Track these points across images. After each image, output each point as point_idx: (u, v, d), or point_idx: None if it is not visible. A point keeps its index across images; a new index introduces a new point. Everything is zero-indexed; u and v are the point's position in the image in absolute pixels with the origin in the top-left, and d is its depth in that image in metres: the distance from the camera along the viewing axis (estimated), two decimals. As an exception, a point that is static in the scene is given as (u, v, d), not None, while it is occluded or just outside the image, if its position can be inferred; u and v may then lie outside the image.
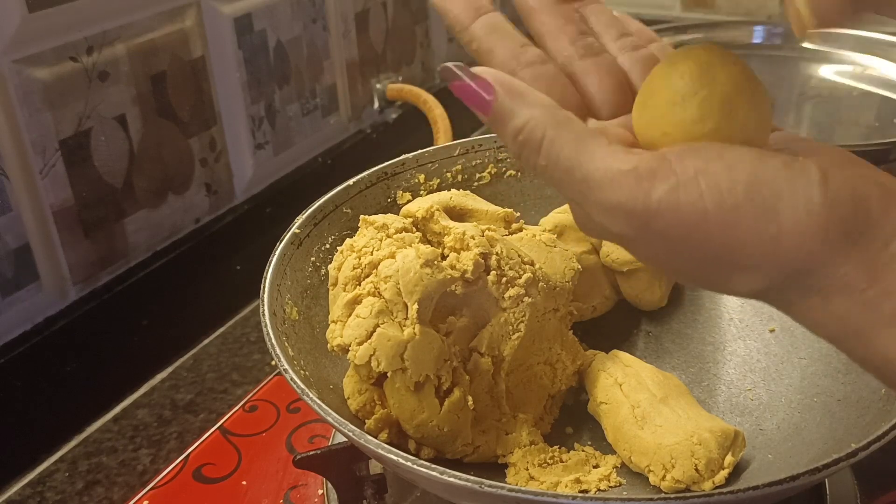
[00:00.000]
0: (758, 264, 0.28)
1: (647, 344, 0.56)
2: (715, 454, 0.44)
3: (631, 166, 0.29)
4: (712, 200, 0.28)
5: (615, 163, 0.29)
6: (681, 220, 0.28)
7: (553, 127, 0.30)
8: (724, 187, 0.28)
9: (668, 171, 0.28)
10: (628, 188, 0.28)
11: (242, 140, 0.79)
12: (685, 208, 0.28)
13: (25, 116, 0.60)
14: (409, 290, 0.43)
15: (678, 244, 0.29)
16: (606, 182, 0.29)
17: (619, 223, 0.29)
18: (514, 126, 0.30)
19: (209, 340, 0.75)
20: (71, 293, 0.66)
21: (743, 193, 0.27)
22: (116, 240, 0.69)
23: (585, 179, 0.29)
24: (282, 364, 0.43)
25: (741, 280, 0.29)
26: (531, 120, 0.30)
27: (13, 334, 0.63)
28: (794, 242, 0.27)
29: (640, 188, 0.28)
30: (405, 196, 0.57)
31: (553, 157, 0.30)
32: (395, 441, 0.45)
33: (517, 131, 0.30)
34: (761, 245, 0.28)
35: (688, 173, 0.28)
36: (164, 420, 0.67)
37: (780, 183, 0.27)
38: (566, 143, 0.30)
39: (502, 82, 0.31)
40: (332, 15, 0.87)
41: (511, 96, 0.30)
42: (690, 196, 0.28)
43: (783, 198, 0.27)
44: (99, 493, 0.60)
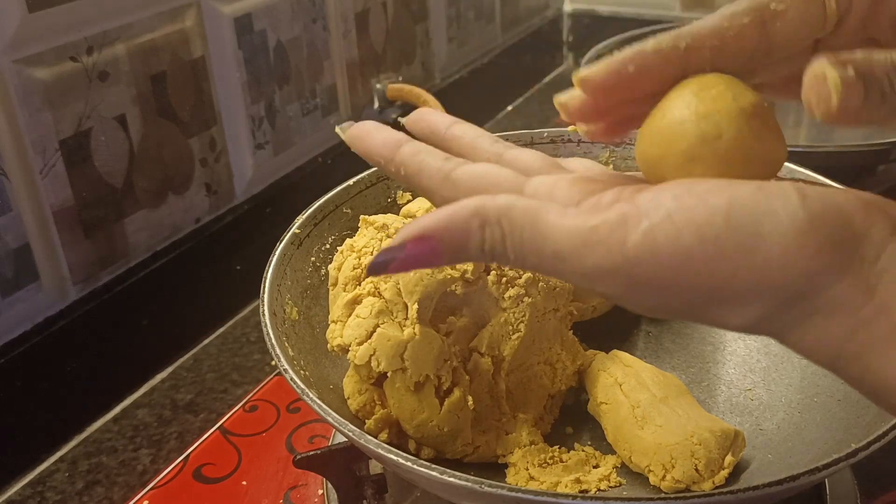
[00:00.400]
0: (750, 294, 0.27)
1: (647, 344, 0.56)
2: (715, 454, 0.44)
3: (599, 220, 0.27)
4: (691, 235, 0.26)
5: (581, 224, 0.28)
6: (662, 263, 0.27)
7: (505, 217, 0.28)
8: (702, 220, 0.26)
9: (638, 215, 0.27)
10: (602, 245, 0.27)
11: (242, 140, 0.79)
12: (665, 251, 0.26)
13: (25, 116, 0.60)
14: (409, 290, 0.43)
15: (665, 288, 0.27)
16: (577, 247, 0.27)
17: (602, 285, 0.28)
18: (475, 244, 0.29)
19: (209, 340, 0.75)
20: (71, 293, 0.66)
21: (722, 222, 0.26)
22: (116, 240, 0.69)
23: (557, 254, 0.28)
24: (282, 364, 0.43)
25: (735, 313, 0.28)
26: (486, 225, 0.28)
27: (13, 334, 0.63)
28: (784, 266, 0.26)
29: (613, 241, 0.27)
30: (405, 196, 0.57)
31: (518, 246, 0.28)
32: (395, 441, 0.45)
33: (480, 245, 0.29)
34: (750, 273, 0.26)
35: (659, 213, 0.27)
36: (164, 420, 0.67)
37: (759, 205, 0.26)
38: (524, 226, 0.28)
39: (431, 224, 0.29)
40: (332, 15, 0.87)
41: (449, 225, 0.29)
42: (668, 237, 0.26)
43: (764, 221, 0.26)
44: (99, 493, 0.60)
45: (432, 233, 0.29)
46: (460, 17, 1.10)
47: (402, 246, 0.29)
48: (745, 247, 0.26)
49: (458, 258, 0.29)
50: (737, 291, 0.27)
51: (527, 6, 1.25)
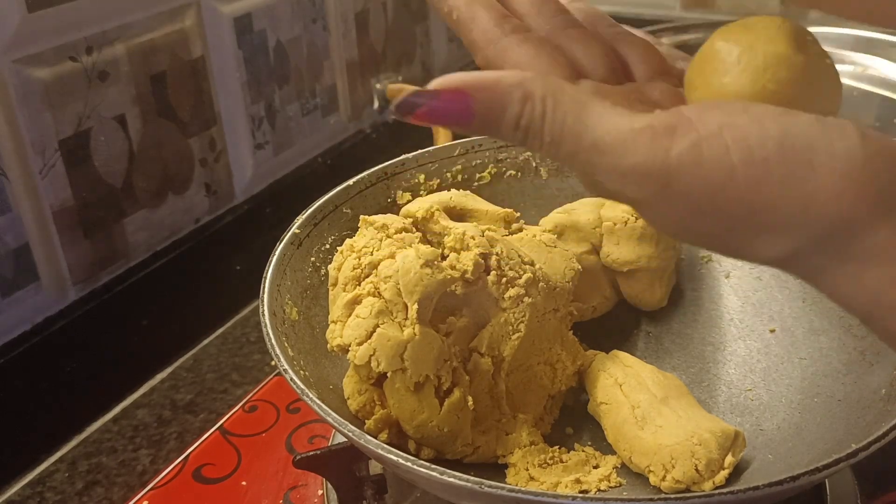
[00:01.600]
0: (788, 225, 0.26)
1: (647, 344, 0.56)
2: (715, 454, 0.44)
3: (645, 124, 0.26)
4: (740, 155, 0.25)
5: (626, 122, 0.27)
6: (704, 177, 0.26)
7: (551, 96, 0.27)
8: (753, 141, 0.25)
9: (688, 126, 0.26)
10: (644, 147, 0.26)
11: (242, 140, 0.79)
12: (709, 164, 0.26)
13: (25, 116, 0.60)
14: (409, 291, 0.43)
15: (701, 205, 0.26)
16: (619, 144, 0.26)
17: (635, 187, 0.27)
18: (513, 115, 0.27)
19: (209, 340, 0.75)
20: (71, 293, 0.66)
21: (774, 148, 0.25)
22: (116, 240, 0.69)
23: (596, 144, 0.27)
24: (282, 364, 0.43)
25: (767, 244, 0.27)
26: (528, 99, 0.27)
27: (13, 334, 0.63)
28: (829, 202, 0.25)
29: (657, 146, 0.26)
30: (405, 196, 0.57)
31: (558, 131, 0.27)
32: (395, 441, 0.45)
33: (517, 119, 0.27)
34: (793, 203, 0.25)
35: (710, 128, 0.26)
36: (164, 420, 0.67)
37: (816, 138, 0.25)
38: (569, 110, 0.27)
39: (473, 81, 0.27)
40: (332, 15, 0.87)
41: (489, 89, 0.27)
42: (715, 151, 0.25)
43: (819, 153, 0.25)
44: (99, 493, 0.60)
45: (471, 89, 0.27)
46: (460, 17, 1.10)
47: (436, 93, 0.27)
48: (794, 175, 0.25)
49: (489, 125, 0.28)
50: (775, 220, 0.26)
51: (527, 6, 1.25)
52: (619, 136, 0.27)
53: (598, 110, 0.27)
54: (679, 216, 0.27)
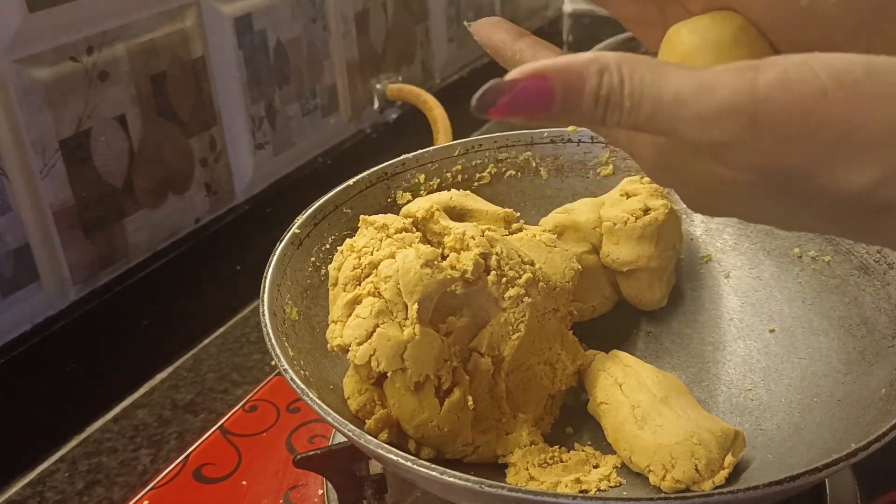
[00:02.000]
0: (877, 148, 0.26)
1: (647, 344, 0.56)
2: (715, 454, 0.44)
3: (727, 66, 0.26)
4: (828, 77, 0.25)
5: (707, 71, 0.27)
6: (795, 100, 0.25)
7: (626, 64, 0.27)
8: (841, 67, 0.25)
9: (772, 61, 0.26)
10: (730, 82, 0.26)
11: (242, 140, 0.79)
12: (799, 87, 0.25)
13: (25, 116, 0.60)
14: (409, 290, 0.43)
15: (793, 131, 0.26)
16: (702, 88, 0.26)
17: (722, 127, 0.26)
18: (591, 88, 0.27)
19: (209, 340, 0.75)
20: (71, 293, 0.66)
21: (862, 71, 0.25)
22: (116, 240, 0.69)
23: (677, 97, 0.27)
24: (282, 364, 0.43)
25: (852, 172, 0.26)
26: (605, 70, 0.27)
27: (13, 334, 0.63)
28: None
29: (742, 79, 0.26)
30: (405, 196, 0.57)
31: (637, 93, 0.27)
32: (395, 441, 0.45)
33: (596, 91, 0.27)
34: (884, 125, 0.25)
35: (794, 59, 0.26)
36: (164, 420, 0.67)
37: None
38: (646, 71, 0.27)
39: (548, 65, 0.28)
40: (332, 15, 0.87)
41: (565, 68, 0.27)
42: (804, 75, 0.25)
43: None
44: (99, 493, 0.60)
45: (548, 73, 0.27)
46: (460, 17, 1.10)
47: (514, 82, 0.27)
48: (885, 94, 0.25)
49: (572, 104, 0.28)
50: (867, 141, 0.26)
51: (527, 6, 1.25)
52: (702, 80, 0.27)
53: (674, 68, 0.27)
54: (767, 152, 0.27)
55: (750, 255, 0.58)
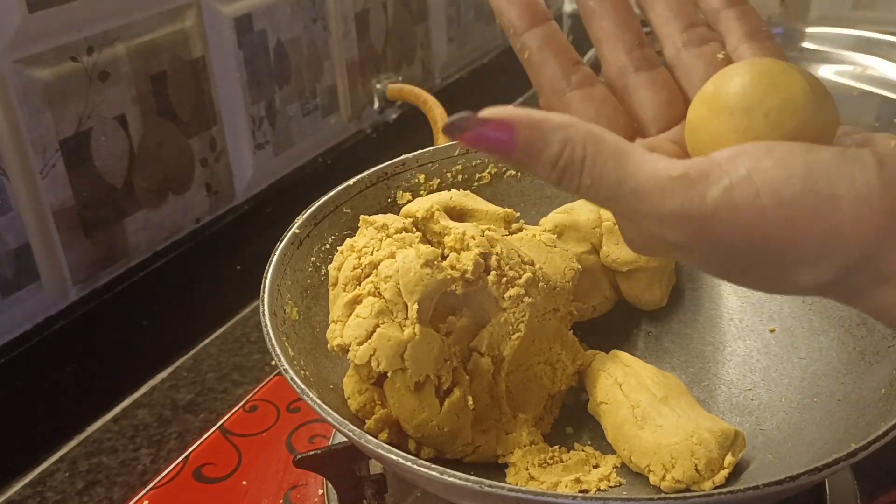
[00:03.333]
0: (821, 257, 0.28)
1: (647, 344, 0.56)
2: (715, 454, 0.44)
3: (681, 171, 0.28)
4: (769, 197, 0.27)
5: (664, 170, 0.28)
6: (739, 220, 0.27)
7: (592, 143, 0.29)
8: (779, 182, 0.27)
9: (720, 172, 0.28)
10: (682, 194, 0.28)
11: (242, 140, 0.79)
12: (742, 208, 0.27)
13: (25, 116, 0.60)
14: (409, 290, 0.43)
15: (738, 246, 0.28)
16: (658, 190, 0.28)
17: (674, 232, 0.29)
18: (551, 154, 0.29)
19: (209, 340, 0.75)
20: (71, 293, 0.66)
21: (799, 186, 0.27)
22: (116, 240, 0.69)
23: (636, 191, 0.29)
24: (282, 364, 0.43)
25: (805, 275, 0.28)
26: (568, 142, 0.29)
27: (13, 334, 0.63)
28: (856, 229, 0.27)
29: (694, 192, 0.28)
30: (405, 196, 0.57)
31: (597, 175, 0.29)
32: (395, 441, 0.45)
33: (555, 159, 0.29)
34: (823, 236, 0.27)
35: (740, 172, 0.28)
36: (164, 420, 0.67)
37: (836, 171, 0.27)
38: (609, 157, 0.29)
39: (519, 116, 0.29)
40: (332, 15, 0.87)
41: (534, 126, 0.29)
42: (746, 195, 0.27)
43: (840, 185, 0.27)
44: (99, 493, 0.60)
45: (517, 124, 0.29)
46: (460, 17, 1.10)
47: (484, 121, 0.29)
48: (820, 209, 0.27)
49: (529, 160, 0.29)
50: (807, 252, 0.28)
51: None
52: (658, 182, 0.28)
53: (637, 157, 0.29)
54: (718, 257, 0.29)
55: (750, 255, 0.58)
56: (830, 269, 0.28)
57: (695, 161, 0.28)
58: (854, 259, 0.28)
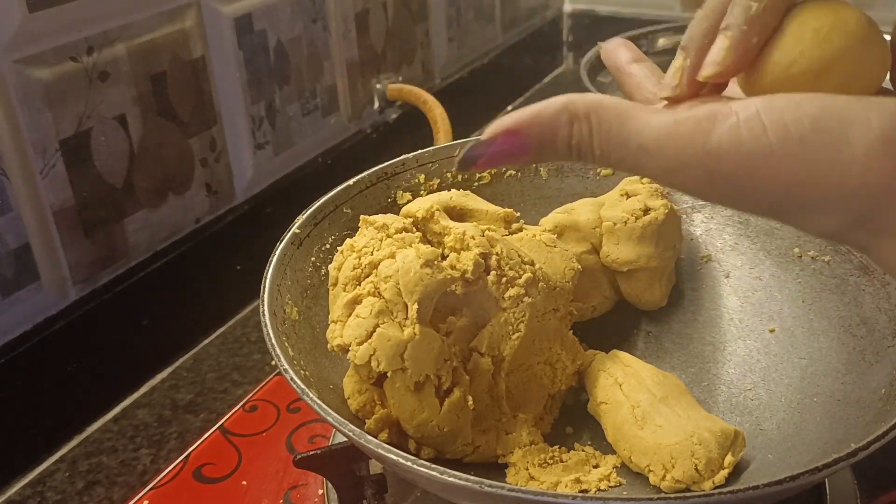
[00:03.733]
0: (827, 200, 0.27)
1: (647, 344, 0.56)
2: (715, 454, 0.44)
3: (687, 115, 0.28)
4: (776, 135, 0.26)
5: (669, 117, 0.28)
6: (744, 158, 0.27)
7: (594, 112, 0.29)
8: (790, 121, 0.26)
9: (728, 111, 0.27)
10: (687, 136, 0.28)
11: (242, 140, 0.79)
12: (748, 146, 0.27)
13: (25, 116, 0.60)
14: (409, 290, 0.43)
15: (746, 185, 0.27)
16: (663, 138, 0.28)
17: (682, 179, 0.28)
18: (564, 137, 0.29)
19: (209, 340, 0.75)
20: (71, 293, 0.67)
21: (810, 125, 0.26)
22: (116, 240, 0.69)
23: (641, 147, 0.28)
24: (282, 364, 0.43)
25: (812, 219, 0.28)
26: (574, 119, 0.29)
27: (13, 334, 0.63)
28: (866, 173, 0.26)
29: (698, 132, 0.27)
30: (405, 196, 0.57)
31: (604, 141, 0.29)
32: (395, 441, 0.45)
33: (567, 139, 0.29)
34: (830, 177, 0.26)
35: (749, 111, 0.27)
36: (164, 420, 0.67)
37: (852, 112, 0.26)
38: (612, 122, 0.29)
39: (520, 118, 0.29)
40: (332, 15, 0.87)
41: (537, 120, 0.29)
42: (753, 132, 0.27)
43: (854, 125, 0.26)
44: (99, 493, 0.60)
45: (522, 126, 0.29)
46: (460, 17, 1.10)
47: (492, 140, 0.29)
48: (829, 149, 0.26)
49: (546, 153, 0.30)
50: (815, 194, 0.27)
51: (527, 6, 1.25)
52: (663, 131, 0.28)
53: (640, 115, 0.29)
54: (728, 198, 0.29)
55: (750, 255, 0.58)
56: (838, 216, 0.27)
57: (703, 104, 0.28)
58: (861, 207, 0.26)
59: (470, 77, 1.12)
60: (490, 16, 1.16)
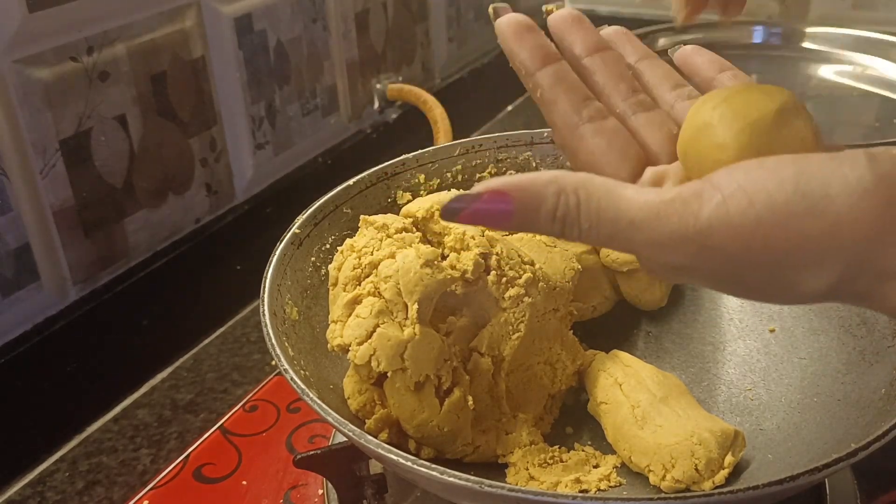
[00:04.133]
0: (822, 257, 0.28)
1: (647, 344, 0.56)
2: (715, 454, 0.44)
3: (674, 194, 0.29)
4: (762, 203, 0.27)
5: (656, 196, 0.29)
6: (735, 231, 0.28)
7: (583, 188, 0.30)
8: (771, 188, 0.27)
9: (713, 189, 0.28)
10: (676, 216, 0.28)
11: (242, 140, 0.79)
12: (737, 219, 0.28)
13: (25, 116, 0.60)
14: (409, 290, 0.43)
15: (739, 258, 0.28)
16: (653, 217, 0.29)
17: (675, 254, 0.29)
18: (548, 209, 0.30)
19: (209, 340, 0.75)
20: (71, 293, 0.66)
21: (791, 188, 0.27)
22: (116, 240, 0.69)
23: (632, 223, 0.29)
24: (282, 364, 0.43)
25: (810, 280, 0.28)
26: (561, 193, 0.30)
27: (13, 334, 0.63)
28: (854, 226, 0.27)
29: (687, 212, 0.28)
30: (405, 196, 0.57)
31: (594, 216, 0.30)
32: (395, 441, 0.45)
33: (552, 211, 0.30)
34: (821, 236, 0.27)
35: (732, 186, 0.28)
36: (164, 420, 0.67)
37: (827, 171, 0.27)
38: (602, 197, 0.30)
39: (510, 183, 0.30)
40: (332, 15, 0.87)
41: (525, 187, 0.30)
42: (740, 206, 0.28)
43: (832, 183, 0.27)
44: (99, 493, 0.60)
45: (508, 190, 0.30)
46: (460, 17, 1.10)
47: (477, 196, 0.30)
48: (814, 209, 0.27)
49: (528, 222, 0.30)
50: (809, 254, 0.28)
51: (527, 6, 1.25)
52: (653, 209, 0.29)
53: (627, 193, 0.30)
54: (722, 273, 0.29)
55: (750, 255, 0.58)
56: (834, 271, 0.28)
57: (687, 184, 0.29)
58: (856, 257, 0.27)
59: (470, 77, 1.12)
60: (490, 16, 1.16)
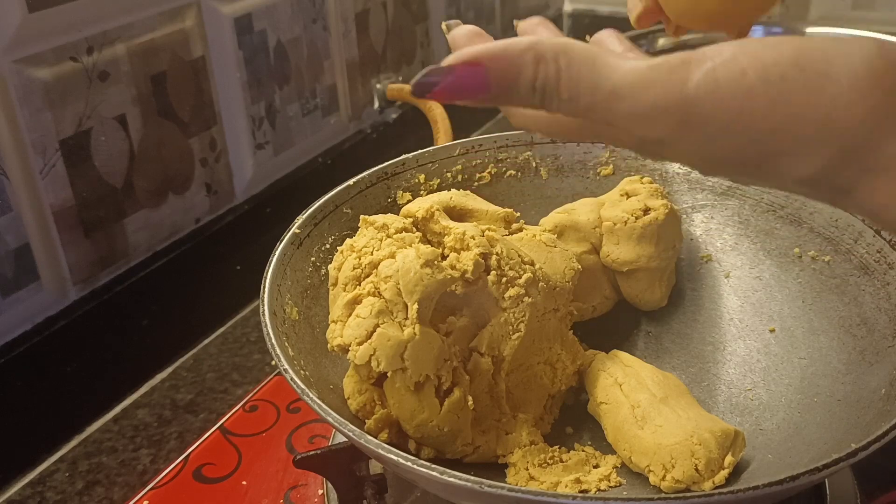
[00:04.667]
0: (812, 139, 0.26)
1: (647, 344, 0.56)
2: (715, 454, 0.44)
3: (661, 61, 0.27)
4: (756, 74, 0.25)
5: (642, 63, 0.27)
6: (723, 102, 0.26)
7: (563, 54, 0.28)
8: (768, 60, 0.25)
9: (702, 57, 0.26)
10: (661, 82, 0.26)
11: (242, 140, 0.79)
12: (726, 88, 0.26)
13: (25, 116, 0.60)
14: (409, 290, 0.43)
15: (722, 132, 0.26)
16: (637, 84, 0.27)
17: (656, 125, 0.27)
18: (527, 78, 0.28)
19: (209, 340, 0.75)
20: (71, 293, 0.66)
21: (790, 64, 0.25)
22: (116, 240, 0.69)
23: (614, 91, 0.27)
24: (282, 364, 0.43)
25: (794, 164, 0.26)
26: (540, 60, 0.27)
27: (13, 334, 0.63)
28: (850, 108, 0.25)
29: (674, 78, 0.26)
30: (405, 196, 0.57)
31: (574, 85, 0.27)
32: (395, 441, 0.45)
33: (531, 80, 0.28)
34: (814, 115, 0.25)
35: (724, 55, 0.26)
36: (164, 420, 0.67)
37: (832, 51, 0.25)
38: (582, 64, 0.27)
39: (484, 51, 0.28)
40: (332, 15, 0.87)
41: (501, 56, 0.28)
42: (731, 74, 0.26)
43: (835, 63, 0.25)
44: (99, 493, 0.60)
45: (483, 59, 0.28)
46: (460, 17, 1.10)
47: (450, 69, 0.28)
48: (811, 87, 0.25)
49: (506, 93, 0.28)
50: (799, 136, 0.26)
51: (527, 6, 1.25)
52: (637, 76, 0.27)
53: (611, 60, 0.27)
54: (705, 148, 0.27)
55: (750, 255, 0.58)
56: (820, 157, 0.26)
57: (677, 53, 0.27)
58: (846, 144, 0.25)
59: (470, 77, 1.12)
60: (490, 16, 1.16)
